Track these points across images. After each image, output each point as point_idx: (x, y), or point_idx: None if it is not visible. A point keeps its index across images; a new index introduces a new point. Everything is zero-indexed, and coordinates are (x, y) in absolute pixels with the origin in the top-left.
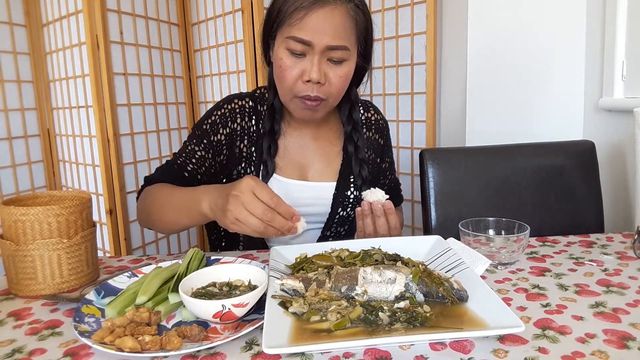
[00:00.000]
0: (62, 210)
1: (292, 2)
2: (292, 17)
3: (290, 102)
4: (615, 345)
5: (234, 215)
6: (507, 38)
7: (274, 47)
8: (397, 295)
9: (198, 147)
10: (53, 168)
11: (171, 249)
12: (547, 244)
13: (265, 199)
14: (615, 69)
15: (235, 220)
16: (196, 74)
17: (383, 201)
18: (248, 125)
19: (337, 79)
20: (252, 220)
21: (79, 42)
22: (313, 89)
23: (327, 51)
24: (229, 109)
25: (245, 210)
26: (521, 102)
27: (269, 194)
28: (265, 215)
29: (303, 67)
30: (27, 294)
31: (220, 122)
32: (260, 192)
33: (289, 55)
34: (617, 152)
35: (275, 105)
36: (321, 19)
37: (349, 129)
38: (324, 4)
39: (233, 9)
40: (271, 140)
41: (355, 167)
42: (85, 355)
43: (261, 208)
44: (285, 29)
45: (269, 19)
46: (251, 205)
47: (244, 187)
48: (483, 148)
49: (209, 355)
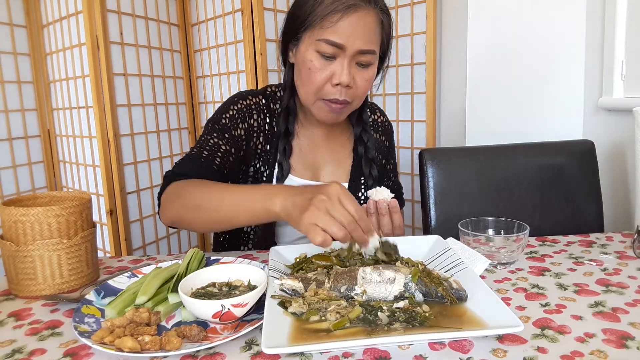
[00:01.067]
0: (62, 211)
1: (326, 5)
2: (326, 19)
3: (314, 104)
4: (615, 345)
5: (315, 219)
6: (507, 38)
7: (299, 49)
8: (397, 295)
9: (221, 141)
10: (53, 169)
11: (171, 249)
12: (547, 244)
13: (352, 210)
14: (614, 69)
15: (314, 225)
16: (196, 75)
17: (388, 200)
18: (263, 122)
19: (363, 82)
20: (334, 227)
21: (79, 43)
22: (341, 93)
23: (357, 55)
24: (245, 104)
25: (328, 215)
26: (521, 102)
27: (355, 205)
28: (350, 225)
29: (333, 70)
30: (27, 294)
31: (239, 117)
32: (346, 201)
33: (318, 57)
34: (616, 151)
35: (290, 107)
36: (355, 23)
37: (359, 131)
38: (357, 8)
39: (233, 10)
40: (286, 141)
41: (366, 168)
42: (85, 355)
43: (348, 218)
44: (317, 31)
45: (295, 20)
46: (337, 212)
47: (332, 192)
48: (483, 148)
49: (209, 355)
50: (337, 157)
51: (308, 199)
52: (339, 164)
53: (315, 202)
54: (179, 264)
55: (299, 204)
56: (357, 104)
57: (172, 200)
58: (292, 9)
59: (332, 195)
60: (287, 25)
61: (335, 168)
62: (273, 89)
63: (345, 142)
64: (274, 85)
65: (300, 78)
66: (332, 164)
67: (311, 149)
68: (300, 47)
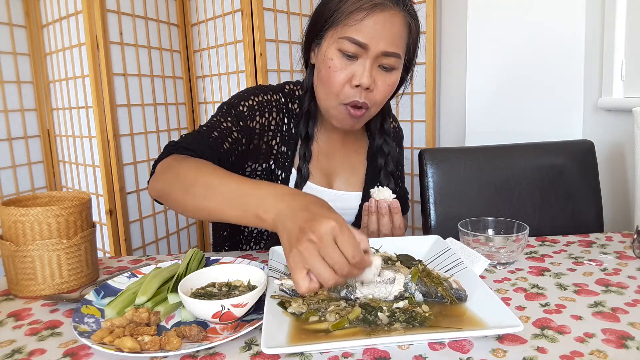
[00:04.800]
0: (62, 211)
1: (352, 3)
2: (350, 17)
3: (335, 108)
4: (614, 345)
5: (304, 260)
6: (507, 38)
7: (321, 48)
8: (396, 295)
9: (235, 127)
10: (53, 169)
11: (171, 250)
12: (547, 244)
13: (348, 255)
14: (614, 69)
15: (302, 267)
16: (196, 75)
17: (390, 200)
18: (281, 122)
19: (384, 87)
20: (324, 273)
21: (79, 43)
22: (361, 95)
23: (380, 57)
24: (266, 99)
25: (319, 260)
26: (521, 102)
27: (353, 246)
28: (342, 270)
29: (353, 71)
30: (26, 294)
31: (258, 109)
32: (343, 244)
33: (340, 56)
34: (616, 151)
35: (310, 110)
36: (380, 23)
37: (380, 142)
38: (384, 8)
39: (233, 10)
40: (306, 146)
41: (385, 181)
42: (85, 355)
43: (341, 262)
44: (340, 29)
45: (319, 18)
46: (328, 258)
47: (325, 234)
48: (482, 148)
49: (208, 355)
50: (351, 164)
51: (299, 229)
52: (353, 171)
53: (304, 241)
54: (178, 264)
55: (288, 229)
56: (374, 111)
57: (165, 173)
58: (317, 7)
59: (324, 237)
60: (311, 23)
61: (350, 175)
62: (291, 87)
63: (359, 149)
64: (292, 83)
65: (319, 77)
66: (347, 171)
67: (327, 154)
68: (322, 46)
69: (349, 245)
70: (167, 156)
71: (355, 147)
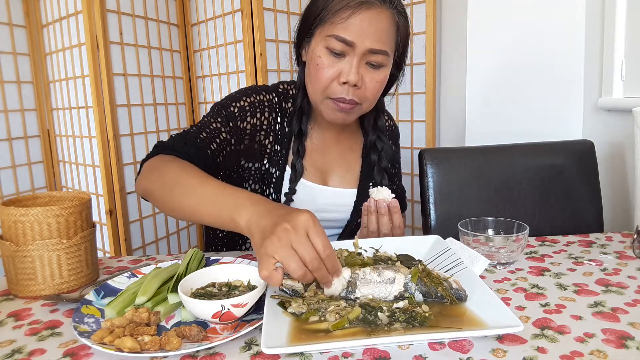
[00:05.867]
0: (62, 211)
1: (339, 1)
2: (337, 15)
3: (322, 103)
4: (614, 345)
5: (274, 250)
6: (507, 38)
7: (310, 46)
8: (396, 295)
9: (224, 128)
10: (53, 169)
11: (171, 250)
12: (547, 244)
13: (319, 247)
14: (614, 69)
15: (272, 256)
16: (196, 75)
17: (389, 200)
18: (274, 121)
19: (372, 84)
20: (293, 263)
21: (79, 43)
22: (348, 92)
23: (367, 54)
24: (258, 99)
25: (290, 250)
26: (521, 102)
27: (324, 242)
28: (313, 263)
29: (341, 68)
30: (26, 294)
31: (249, 110)
32: (314, 236)
33: (327, 54)
34: (616, 151)
35: (303, 107)
36: (367, 21)
37: (374, 138)
38: (370, 6)
39: (233, 10)
40: (299, 142)
41: (377, 177)
42: (85, 355)
43: (312, 255)
44: (327, 27)
45: (309, 16)
46: (300, 247)
47: (299, 224)
48: (482, 148)
49: (208, 355)
50: (346, 161)
51: (274, 223)
52: (349, 168)
53: (278, 230)
54: (178, 264)
55: (262, 225)
56: (367, 106)
57: (151, 172)
58: (307, 5)
59: (299, 226)
60: (301, 21)
61: (345, 172)
62: (285, 87)
63: (354, 146)
64: (286, 83)
65: (309, 75)
66: (342, 168)
67: (321, 151)
68: (311, 44)
69: (320, 238)
70: (154, 155)
71: (350, 144)
